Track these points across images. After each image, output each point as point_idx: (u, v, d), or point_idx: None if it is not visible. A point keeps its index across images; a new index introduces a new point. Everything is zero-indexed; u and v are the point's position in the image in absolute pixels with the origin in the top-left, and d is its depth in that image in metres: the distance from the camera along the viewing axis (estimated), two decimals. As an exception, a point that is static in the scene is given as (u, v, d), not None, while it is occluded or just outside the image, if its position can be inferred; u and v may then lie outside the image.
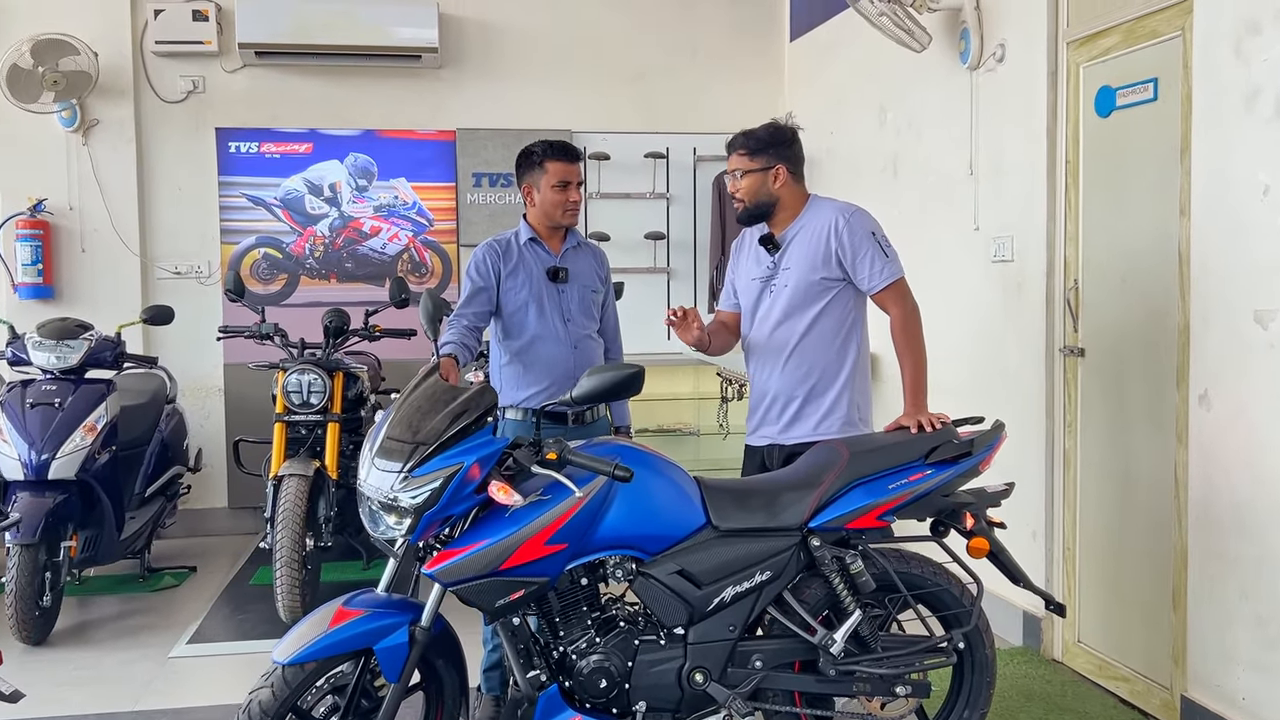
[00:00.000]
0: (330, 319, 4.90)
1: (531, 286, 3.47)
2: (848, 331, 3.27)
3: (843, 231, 3.18)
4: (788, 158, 3.26)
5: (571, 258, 3.56)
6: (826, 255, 3.19)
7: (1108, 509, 3.81)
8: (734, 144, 3.31)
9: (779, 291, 3.28)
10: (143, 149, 6.07)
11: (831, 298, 3.23)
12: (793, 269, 3.25)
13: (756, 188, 3.25)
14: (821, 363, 3.25)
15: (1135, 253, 3.64)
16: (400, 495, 2.48)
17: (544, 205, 3.48)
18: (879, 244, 3.18)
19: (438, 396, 2.63)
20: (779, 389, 3.30)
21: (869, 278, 3.18)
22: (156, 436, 5.30)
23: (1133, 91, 3.61)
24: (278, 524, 4.32)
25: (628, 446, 2.78)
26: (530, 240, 3.52)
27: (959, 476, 2.87)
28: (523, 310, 3.47)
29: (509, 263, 3.48)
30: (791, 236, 3.27)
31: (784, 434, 3.30)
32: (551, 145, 3.48)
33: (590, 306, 3.58)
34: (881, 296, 3.20)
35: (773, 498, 2.79)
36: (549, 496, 2.58)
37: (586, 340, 3.55)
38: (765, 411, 3.35)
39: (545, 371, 3.46)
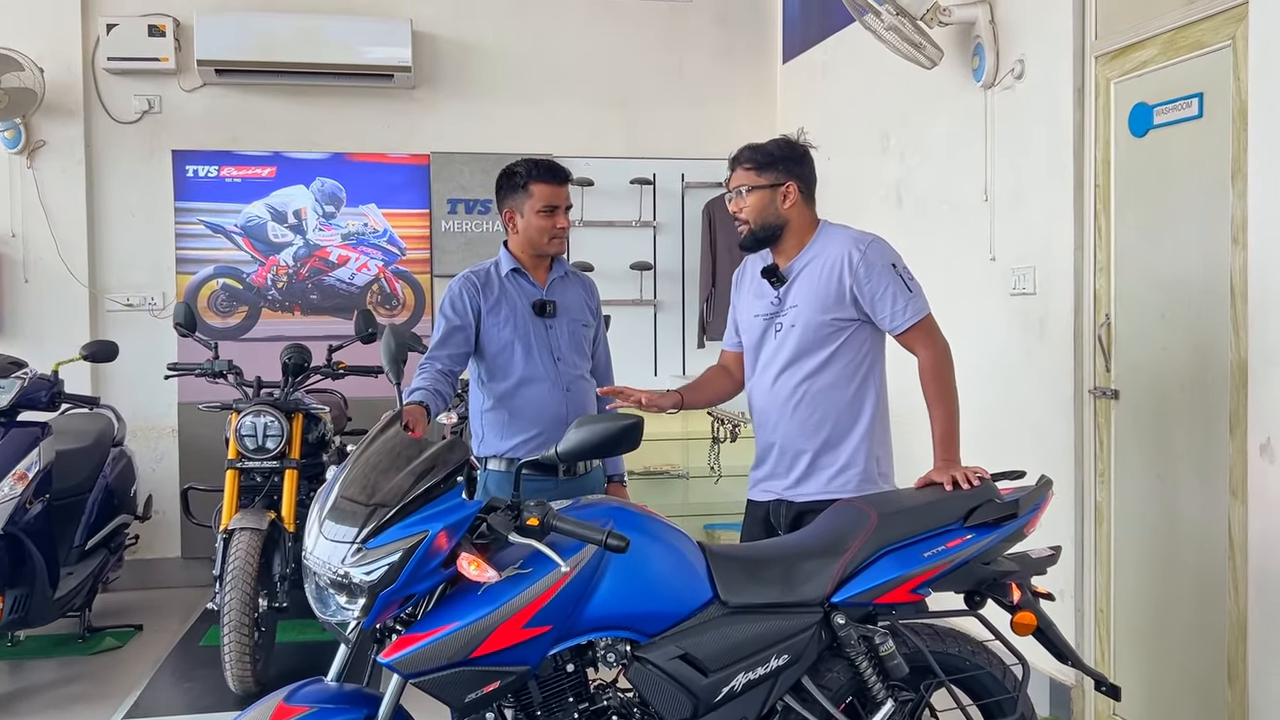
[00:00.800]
0: (289, 355, 4.50)
1: (516, 323, 3.10)
2: (865, 375, 2.90)
3: (859, 266, 2.81)
4: (800, 175, 2.90)
5: (559, 289, 3.20)
6: (840, 293, 2.82)
7: (1147, 569, 3.45)
8: (739, 158, 2.94)
9: (785, 331, 2.91)
10: (93, 172, 5.68)
11: (846, 338, 2.86)
12: (800, 306, 2.88)
13: (764, 207, 2.88)
14: (835, 411, 2.88)
15: (1177, 284, 3.30)
16: (352, 571, 2.09)
17: (528, 232, 3.12)
18: (901, 277, 2.81)
19: (399, 452, 2.25)
20: (787, 440, 2.92)
21: (891, 316, 2.81)
22: (100, 482, 4.87)
23: (1174, 108, 3.28)
24: (226, 583, 3.90)
25: (622, 508, 2.40)
26: (513, 271, 3.15)
27: (1003, 541, 2.50)
28: (507, 350, 3.10)
29: (489, 297, 3.11)
30: (799, 269, 2.90)
31: (794, 490, 2.93)
32: (537, 165, 3.13)
33: (582, 343, 3.21)
34: (907, 337, 2.82)
35: (790, 568, 2.40)
36: (529, 570, 2.18)
37: (579, 381, 3.18)
38: (773, 465, 2.97)
39: (534, 417, 3.09)
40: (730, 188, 2.95)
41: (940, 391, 2.78)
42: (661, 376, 6.21)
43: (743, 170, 2.91)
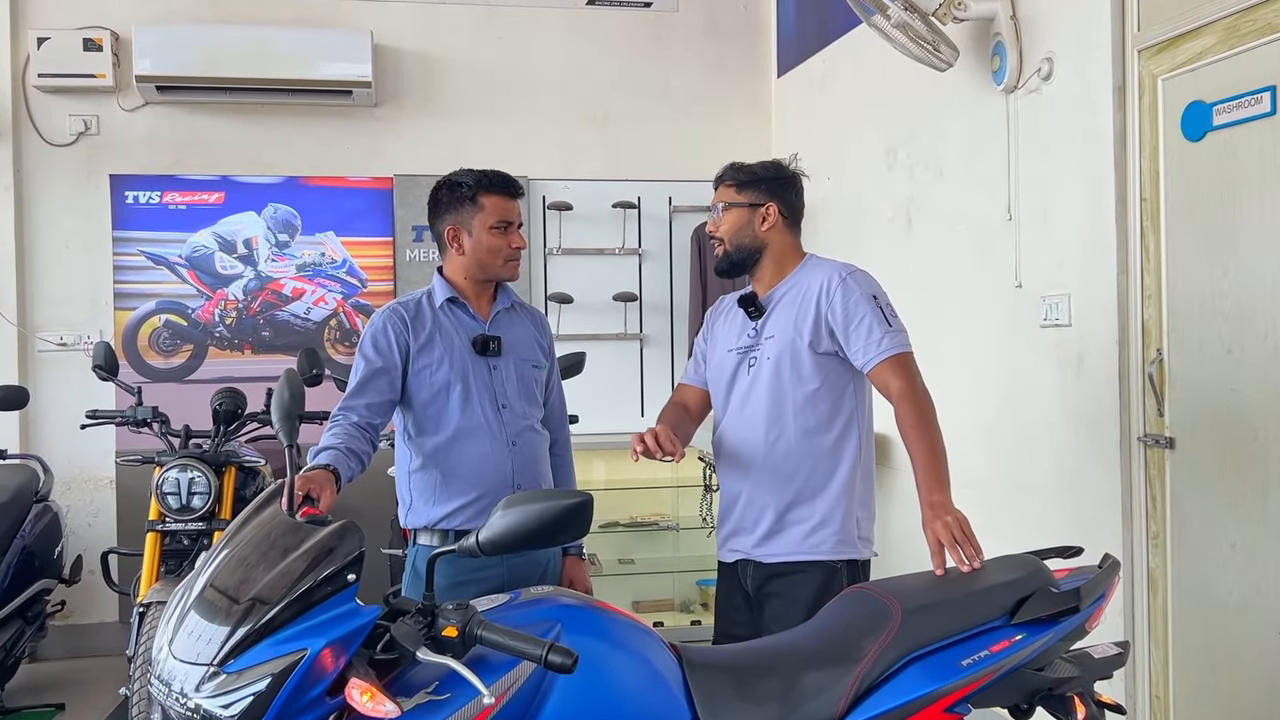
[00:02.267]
0: (220, 400, 3.97)
1: (453, 363, 2.60)
2: (847, 420, 2.55)
3: (835, 293, 2.50)
4: (783, 199, 2.63)
5: (505, 323, 2.70)
6: (816, 322, 2.52)
7: (1215, 648, 2.92)
8: (723, 175, 2.70)
9: (759, 366, 2.59)
10: (23, 199, 5.18)
11: (826, 376, 2.54)
12: (775, 338, 2.57)
13: (740, 226, 2.61)
14: (810, 460, 2.53)
15: (1246, 315, 2.79)
16: (206, 704, 1.56)
17: (478, 254, 2.63)
18: (880, 310, 2.49)
19: (275, 539, 1.73)
20: (755, 491, 2.57)
21: (864, 349, 2.46)
22: (17, 543, 4.32)
23: (1238, 106, 2.79)
24: (139, 667, 3.36)
25: (573, 607, 1.87)
26: (449, 302, 2.65)
27: (1060, 641, 1.97)
28: (442, 396, 2.59)
29: (420, 333, 2.60)
30: (778, 299, 2.61)
31: (760, 549, 2.56)
32: (486, 175, 2.66)
33: (531, 388, 2.70)
34: (880, 371, 2.45)
35: (791, 681, 1.87)
36: (445, 695, 1.66)
37: (528, 433, 2.67)
38: (739, 519, 2.61)
39: (473, 479, 2.58)
40: (711, 204, 2.71)
41: (918, 424, 2.39)
42: (649, 416, 5.67)
43: (724, 187, 2.69)
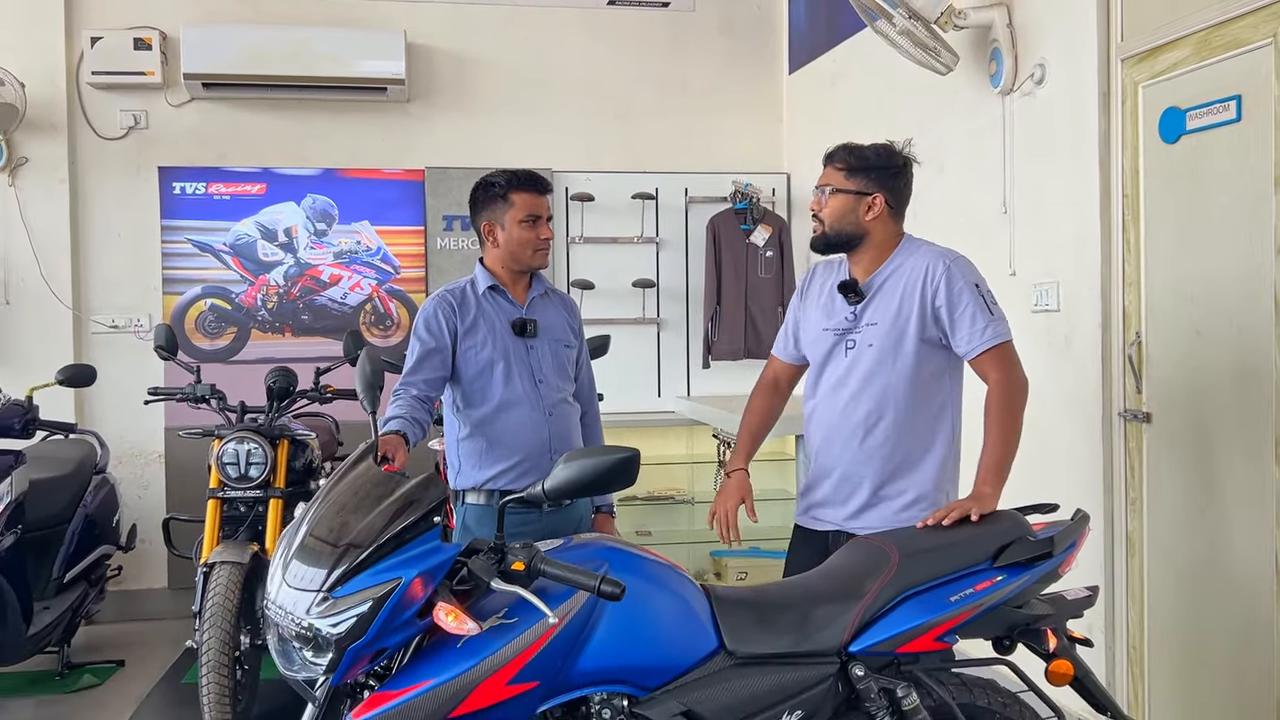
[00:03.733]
0: (274, 379, 4.28)
1: (495, 343, 2.91)
2: (944, 402, 2.73)
3: (940, 281, 2.63)
4: (891, 188, 2.72)
5: (539, 308, 3.01)
6: (923, 309, 2.65)
7: (1186, 606, 3.22)
8: (833, 156, 2.77)
9: (860, 350, 2.72)
10: (77, 190, 5.49)
11: (926, 361, 2.68)
12: (879, 324, 2.70)
13: (844, 212, 2.71)
14: (907, 442, 2.70)
15: (1214, 299, 3.09)
16: (318, 623, 1.88)
17: (510, 245, 2.94)
18: (983, 298, 2.64)
19: (370, 489, 2.04)
20: (851, 467, 2.74)
21: (969, 338, 2.62)
22: (80, 512, 4.67)
23: (1208, 112, 3.08)
24: (205, 620, 3.68)
25: (618, 549, 2.18)
26: (490, 289, 2.97)
27: (1036, 583, 2.28)
28: (486, 373, 2.90)
29: (466, 317, 2.92)
30: (879, 284, 2.72)
31: (855, 521, 2.73)
32: (516, 174, 2.97)
33: (565, 364, 3.02)
34: (981, 361, 2.63)
35: (804, 614, 2.19)
36: (514, 619, 1.97)
37: (562, 405, 2.99)
38: (831, 491, 2.78)
39: (514, 445, 2.90)
40: (817, 184, 2.79)
41: (1003, 419, 2.60)
42: (665, 397, 6.00)
43: (832, 169, 2.76)
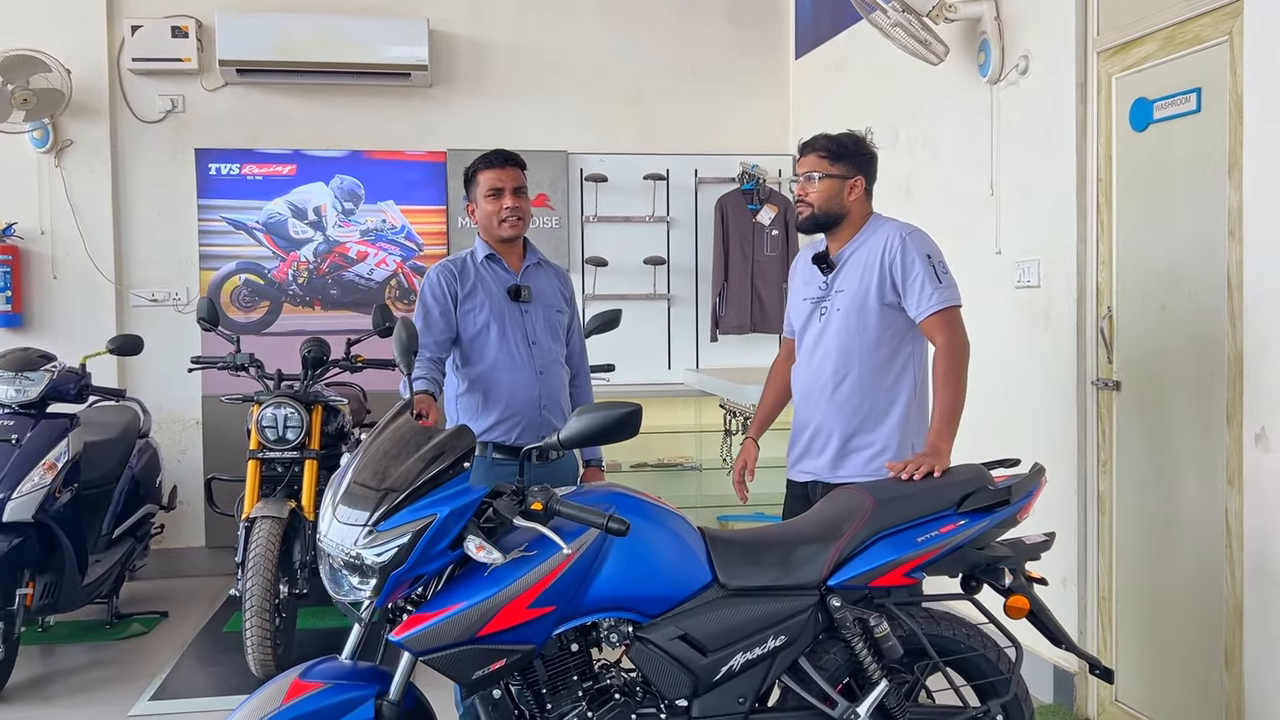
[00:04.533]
0: (309, 349, 4.60)
1: (492, 307, 3.19)
2: (905, 361, 3.04)
3: (896, 250, 2.96)
4: (868, 172, 3.08)
5: (533, 275, 3.29)
6: (882, 277, 2.97)
7: (1149, 557, 3.50)
8: (814, 144, 3.07)
9: (830, 315, 3.05)
10: (119, 171, 5.80)
11: (887, 324, 3.00)
12: (846, 291, 3.03)
13: (830, 195, 3.04)
14: (874, 395, 3.02)
15: (1177, 277, 3.35)
16: (364, 552, 2.18)
17: (482, 219, 3.24)
18: (933, 268, 2.95)
19: (408, 439, 2.33)
20: (825, 421, 3.06)
21: (918, 302, 2.94)
22: (126, 473, 5.00)
23: (1172, 103, 3.33)
24: (248, 570, 4.01)
25: (623, 494, 2.48)
26: (487, 258, 3.25)
27: (995, 527, 2.56)
28: (483, 333, 3.18)
29: (465, 283, 3.20)
30: (848, 256, 3.06)
31: (831, 471, 3.06)
32: (484, 155, 3.25)
33: (556, 328, 3.31)
34: (929, 324, 2.93)
35: (787, 552, 2.48)
36: (534, 553, 2.27)
37: (553, 366, 3.26)
38: (808, 444, 3.11)
39: (508, 401, 3.17)
40: (800, 171, 3.08)
41: (948, 379, 2.87)
42: (675, 370, 6.28)
43: (816, 157, 3.05)
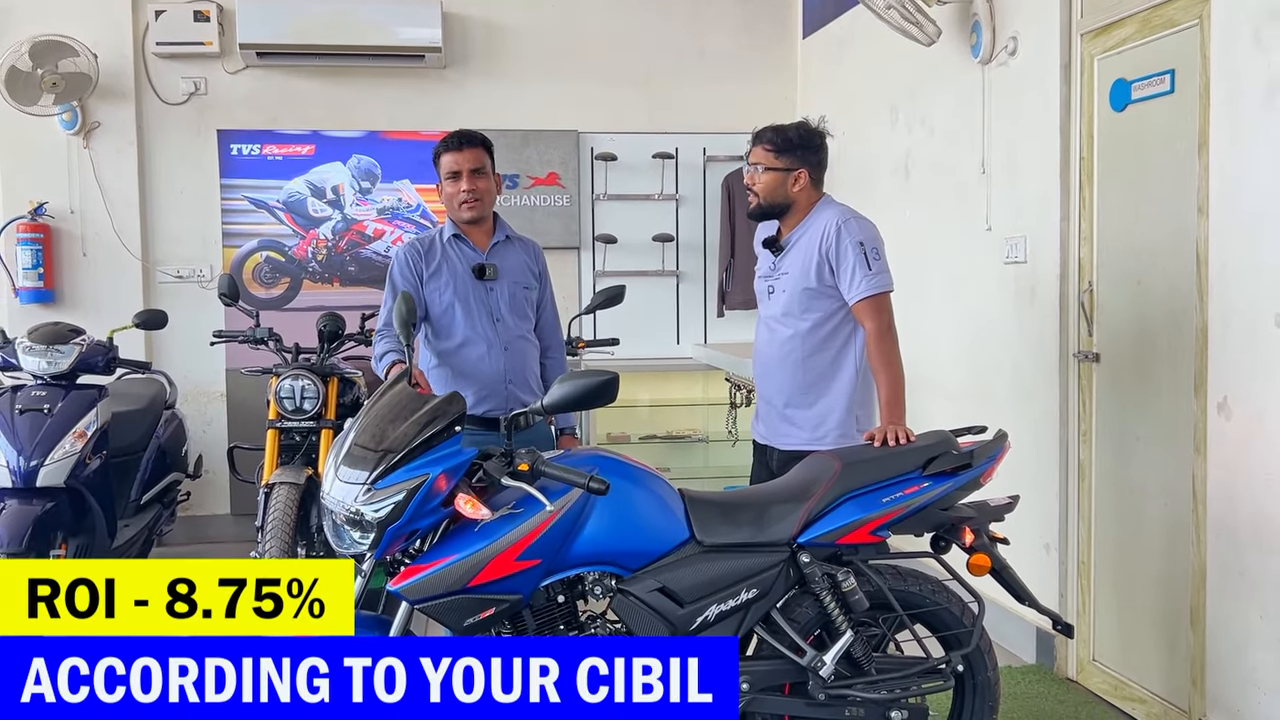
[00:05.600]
0: (325, 323, 4.79)
1: (456, 286, 3.32)
2: (847, 338, 3.20)
3: (832, 237, 3.12)
4: (812, 163, 3.21)
5: (500, 253, 3.41)
6: (820, 262, 3.14)
7: (1124, 522, 3.64)
8: (761, 136, 3.24)
9: (777, 294, 3.26)
10: (144, 152, 6.00)
11: (828, 303, 3.18)
12: (790, 273, 3.22)
13: (774, 187, 3.20)
14: (817, 370, 3.20)
15: (1152, 253, 3.47)
16: (363, 509, 2.36)
17: (445, 201, 3.37)
18: (864, 255, 3.09)
19: (404, 404, 2.52)
20: (775, 391, 3.27)
21: (848, 288, 3.11)
22: (153, 442, 5.22)
23: (1149, 84, 3.44)
24: (267, 533, 4.21)
25: (606, 457, 2.65)
26: (454, 237, 3.38)
27: (959, 489, 2.72)
28: (449, 311, 3.32)
29: (431, 262, 3.34)
30: (795, 240, 3.24)
31: (779, 438, 3.28)
32: (445, 137, 3.35)
33: (523, 305, 3.42)
34: (859, 308, 3.11)
35: (760, 511, 2.65)
36: (520, 510, 2.45)
37: (519, 341, 3.39)
38: (763, 412, 3.35)
39: (474, 375, 3.32)
40: (749, 162, 3.26)
41: (883, 363, 3.07)
42: (684, 345, 6.44)
43: (762, 149, 3.22)
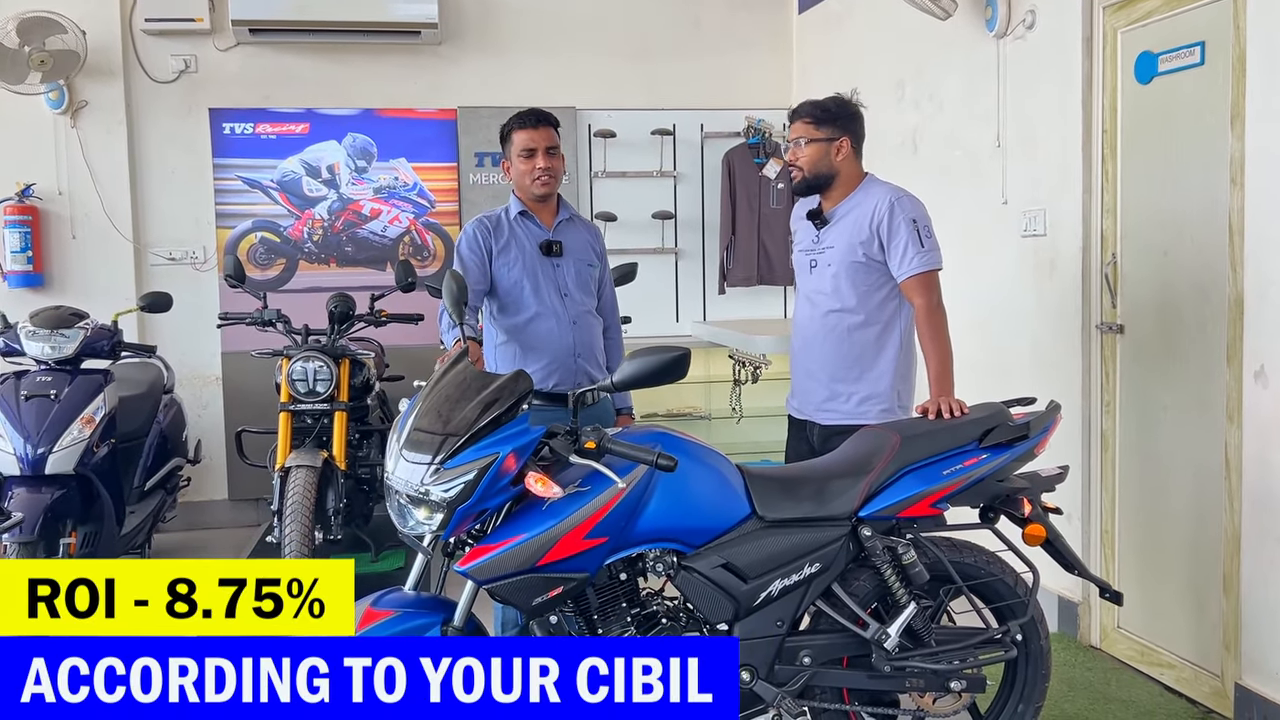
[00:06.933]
0: (335, 304, 4.73)
1: (525, 262, 3.33)
2: (891, 316, 3.20)
3: (884, 214, 3.12)
4: (853, 131, 3.22)
5: (565, 231, 3.42)
6: (870, 236, 3.13)
7: (1149, 491, 3.68)
8: (800, 111, 3.24)
9: (822, 268, 3.24)
10: (134, 131, 5.86)
11: (874, 278, 3.17)
12: (836, 247, 3.20)
13: (818, 158, 3.19)
14: (861, 345, 3.19)
15: (1179, 224, 3.50)
16: (432, 489, 2.34)
17: (516, 178, 3.36)
18: (917, 232, 3.10)
19: (468, 384, 2.48)
20: (817, 366, 3.26)
21: (900, 264, 3.11)
22: (155, 428, 5.13)
23: (1177, 56, 3.46)
24: (286, 517, 4.16)
25: (666, 434, 2.64)
26: (520, 215, 3.38)
27: (1015, 460, 2.74)
28: (518, 287, 3.32)
29: (500, 239, 3.33)
30: (842, 214, 3.22)
31: (821, 413, 3.27)
32: (519, 115, 3.35)
33: (588, 282, 3.44)
34: (909, 285, 3.11)
35: (821, 486, 2.65)
36: (588, 488, 2.43)
37: (586, 316, 3.41)
38: (803, 387, 3.33)
39: (544, 350, 3.32)
40: (790, 139, 3.25)
41: (933, 338, 3.07)
42: (683, 323, 6.42)
43: (803, 123, 3.21)
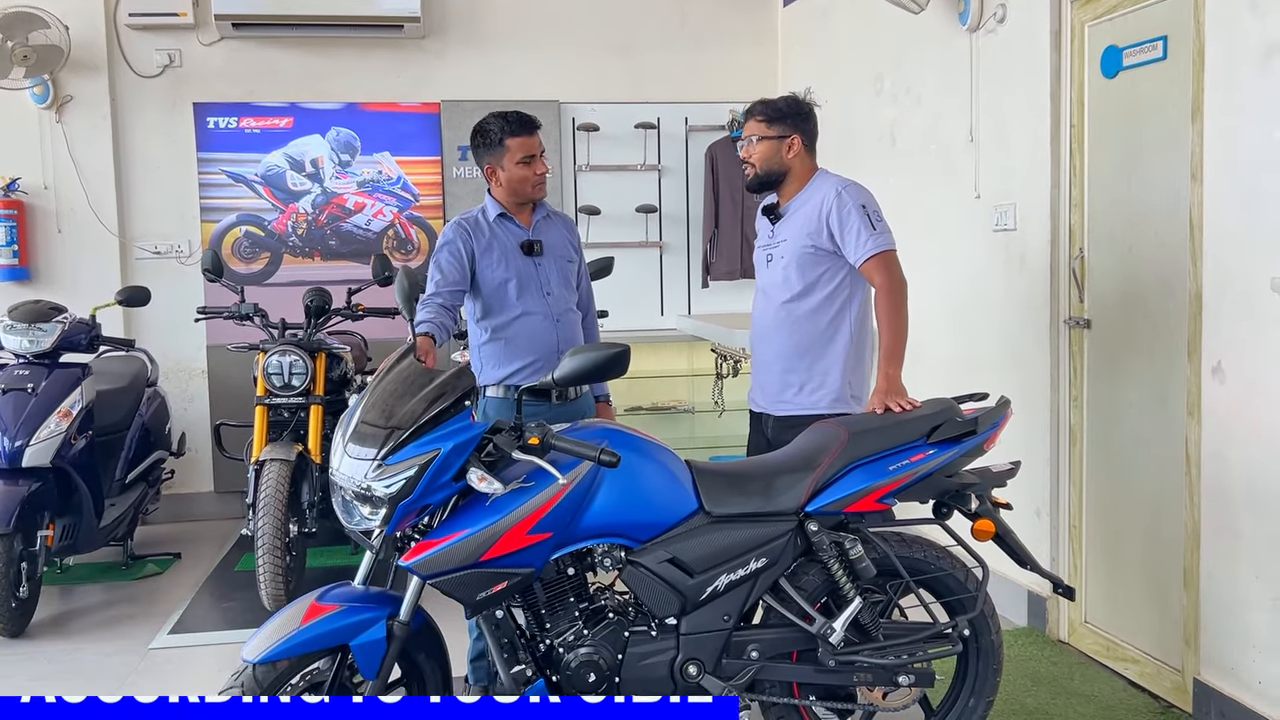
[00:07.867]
0: (311, 298, 4.75)
1: (508, 263, 3.34)
2: (841, 306, 3.23)
3: (832, 203, 3.15)
4: (804, 129, 3.26)
5: (544, 229, 3.43)
6: (819, 226, 3.17)
7: (1115, 485, 3.69)
8: (752, 110, 3.31)
9: (775, 261, 3.29)
10: (119, 125, 5.89)
11: (825, 271, 3.20)
12: (788, 240, 3.25)
13: (770, 155, 3.24)
14: (812, 335, 3.23)
15: (1143, 220, 3.50)
16: (374, 484, 2.35)
17: (511, 184, 3.33)
18: (868, 216, 3.13)
19: (413, 380, 2.50)
20: (771, 358, 3.30)
21: (855, 249, 3.13)
22: (137, 421, 5.17)
23: (1140, 51, 3.45)
24: (260, 510, 4.20)
25: (615, 429, 2.65)
26: (499, 216, 3.38)
27: (963, 456, 2.74)
28: (502, 289, 3.33)
29: (481, 240, 3.34)
30: (795, 209, 3.27)
31: (774, 404, 3.30)
32: (508, 120, 3.32)
33: (568, 277, 3.47)
34: (867, 267, 3.12)
35: (768, 481, 2.66)
36: (532, 484, 2.44)
37: (568, 314, 3.43)
38: (760, 379, 3.37)
39: (528, 348, 3.34)
40: (743, 136, 3.31)
41: (889, 317, 3.08)
42: (668, 316, 6.43)
43: (755, 121, 3.27)
